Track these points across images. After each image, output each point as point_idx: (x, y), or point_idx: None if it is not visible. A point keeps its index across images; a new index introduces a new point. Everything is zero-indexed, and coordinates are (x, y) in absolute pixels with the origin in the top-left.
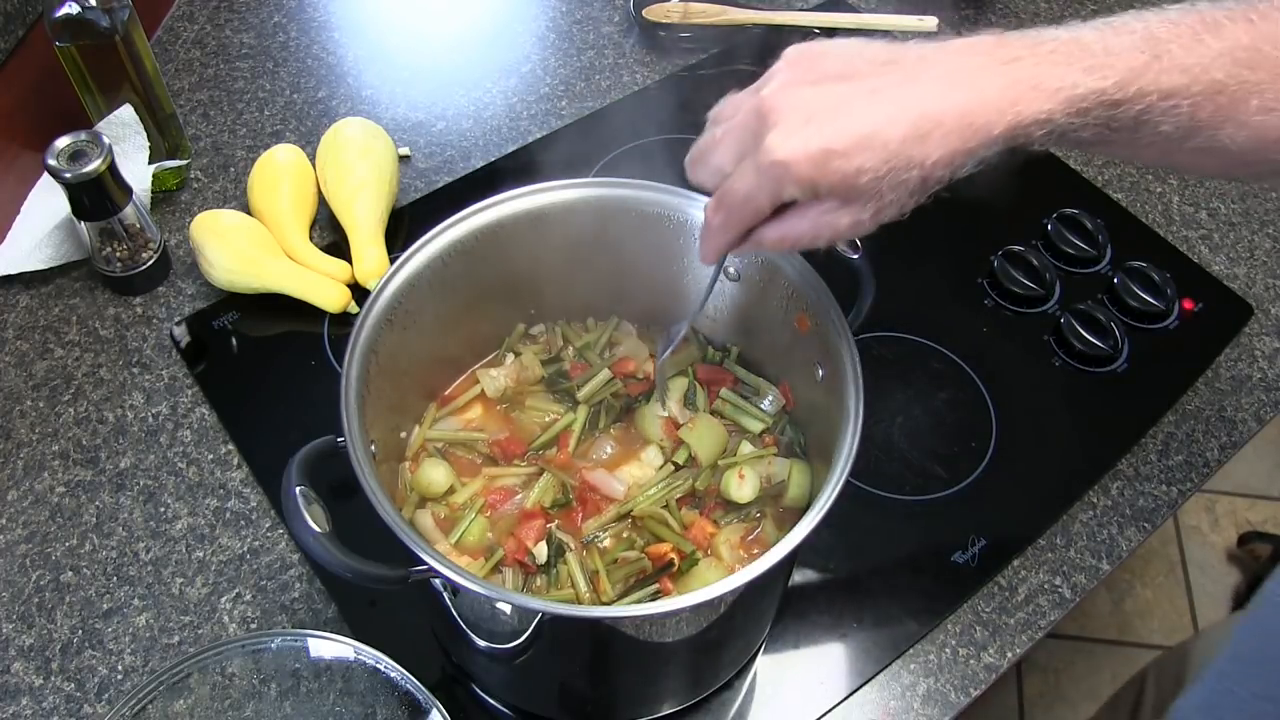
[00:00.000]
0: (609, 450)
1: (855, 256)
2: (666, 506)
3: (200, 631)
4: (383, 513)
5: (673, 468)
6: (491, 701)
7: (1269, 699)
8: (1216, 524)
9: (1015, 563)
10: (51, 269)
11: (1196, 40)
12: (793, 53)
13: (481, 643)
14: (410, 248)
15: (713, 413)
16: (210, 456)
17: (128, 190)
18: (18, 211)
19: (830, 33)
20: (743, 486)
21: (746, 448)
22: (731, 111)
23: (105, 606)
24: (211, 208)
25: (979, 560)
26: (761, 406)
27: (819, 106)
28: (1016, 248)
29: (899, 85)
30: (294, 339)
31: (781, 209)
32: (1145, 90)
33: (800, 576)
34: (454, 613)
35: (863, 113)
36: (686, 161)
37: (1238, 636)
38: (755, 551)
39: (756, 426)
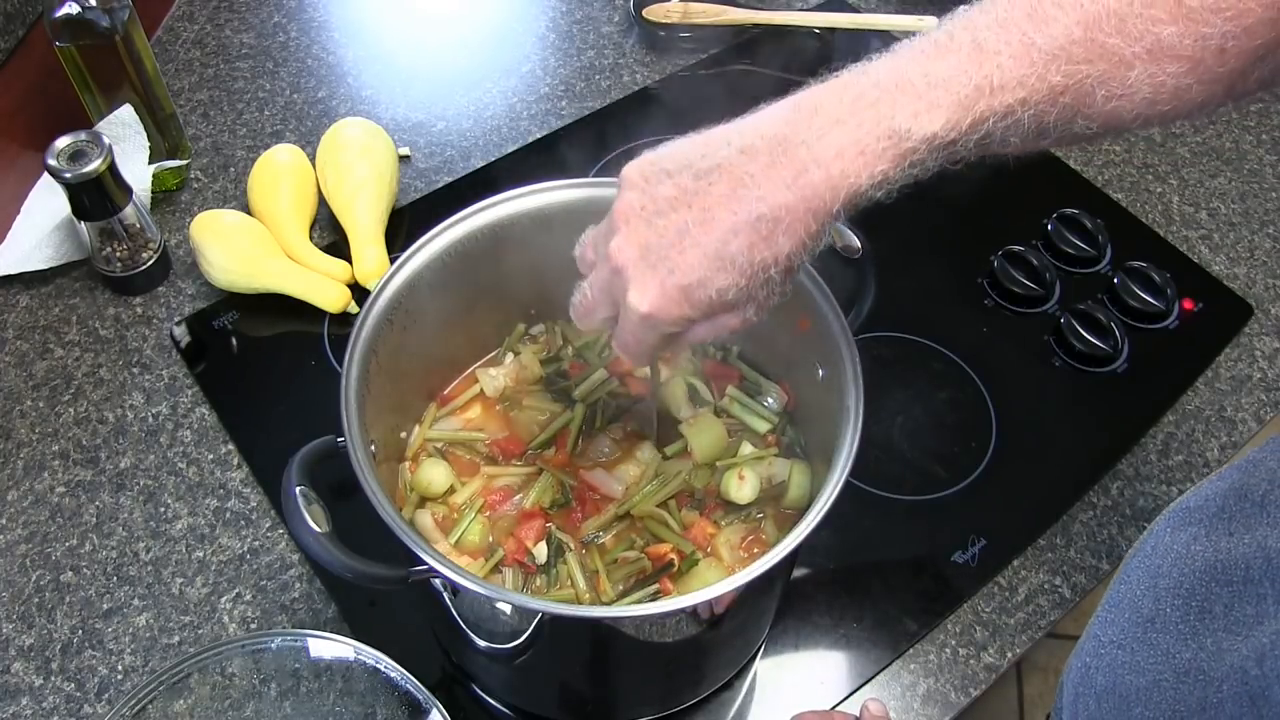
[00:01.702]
0: (607, 450)
1: (855, 256)
2: (666, 507)
3: (200, 631)
4: (383, 513)
5: (662, 457)
6: (491, 701)
7: (1120, 645)
8: None
9: (1015, 563)
10: (51, 269)
11: (1027, 45)
12: (626, 180)
13: (481, 643)
14: (410, 248)
15: (719, 410)
16: (210, 456)
17: (128, 190)
18: (18, 211)
19: (830, 32)
20: (743, 487)
21: (747, 448)
22: (592, 257)
23: (105, 606)
24: (211, 208)
25: (979, 560)
26: (765, 404)
27: (663, 249)
28: (1016, 248)
29: (729, 198)
30: (294, 339)
31: None
32: (980, 119)
33: (800, 576)
34: (454, 613)
35: (703, 241)
36: (571, 314)
37: (1111, 587)
38: (756, 552)
39: (763, 427)
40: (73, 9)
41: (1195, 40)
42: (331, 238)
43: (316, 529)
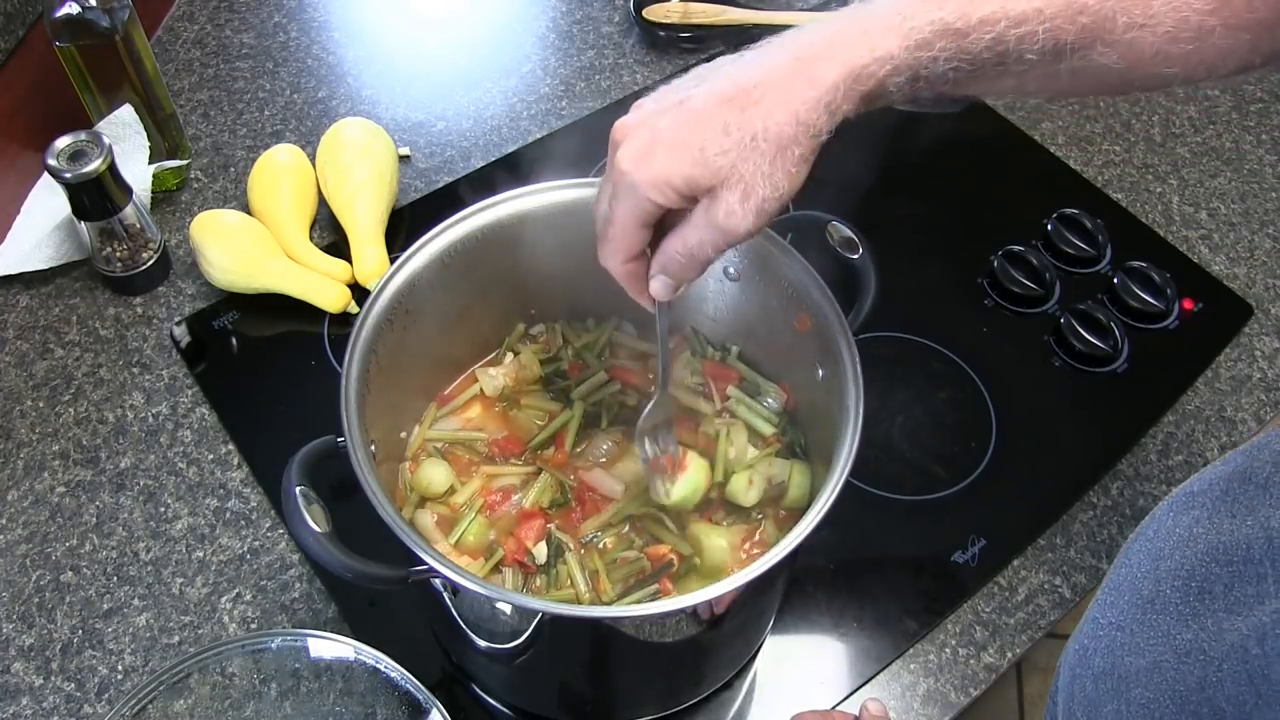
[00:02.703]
0: (606, 449)
1: (855, 256)
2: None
3: (200, 631)
4: (383, 513)
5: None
6: (491, 701)
7: (1119, 627)
8: None
9: (1015, 563)
10: (51, 269)
11: None
12: (660, 86)
13: (481, 643)
14: (410, 248)
15: (724, 411)
16: (210, 456)
17: (128, 190)
18: (18, 211)
19: None
20: (750, 491)
21: (749, 451)
22: None
23: (105, 606)
24: (211, 208)
25: (979, 560)
26: (765, 404)
27: (659, 117)
28: (1016, 248)
29: (730, 75)
30: (294, 339)
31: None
32: (991, 18)
33: (800, 576)
34: (454, 613)
35: (698, 106)
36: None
37: (1112, 570)
38: (756, 553)
39: (767, 429)
40: (73, 9)
41: None
42: (331, 238)
43: (316, 529)
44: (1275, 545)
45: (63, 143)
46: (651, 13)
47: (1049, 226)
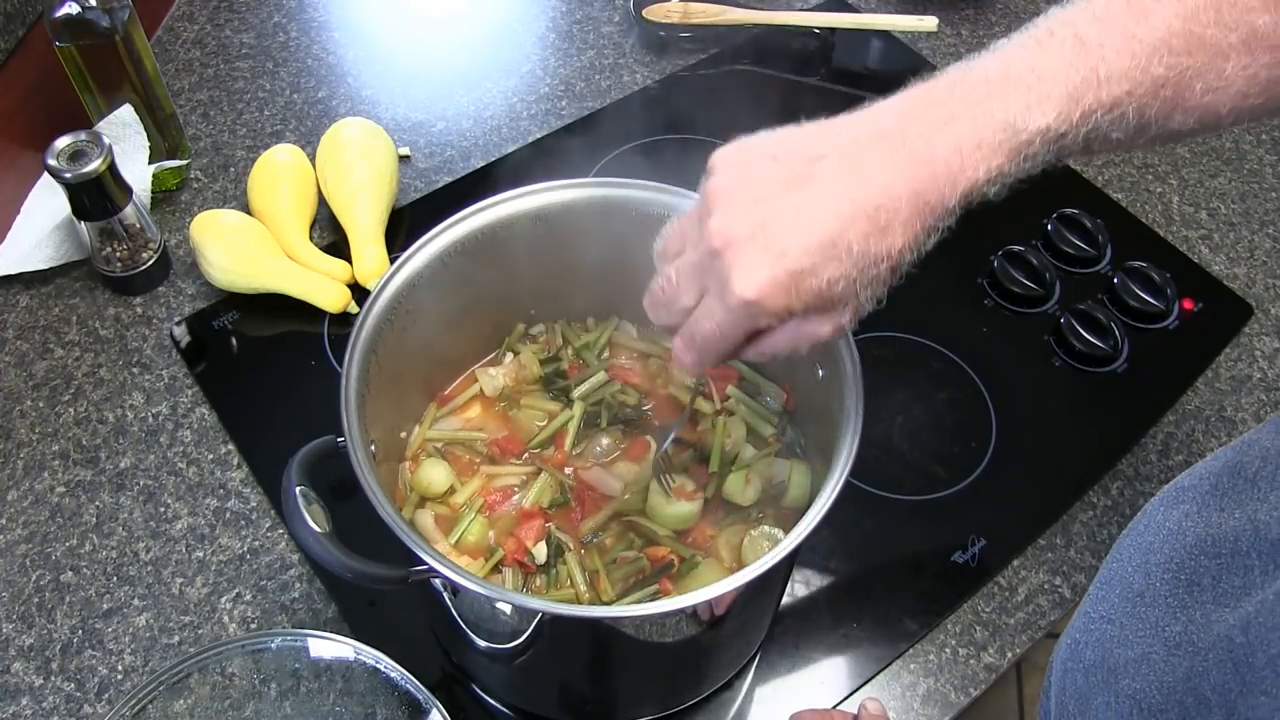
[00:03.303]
0: (606, 448)
1: None
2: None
3: (200, 631)
4: (383, 513)
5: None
6: (491, 701)
7: (1109, 620)
8: None
9: (1015, 563)
10: (51, 269)
11: (1128, 38)
12: (720, 163)
13: (481, 643)
14: (410, 248)
15: (723, 410)
16: (210, 456)
17: (128, 190)
18: (18, 211)
19: (830, 32)
20: (747, 490)
21: (748, 450)
22: (678, 245)
23: (105, 606)
24: (211, 208)
25: (979, 560)
26: (765, 404)
27: (771, 225)
28: (1016, 248)
29: (845, 183)
30: (294, 339)
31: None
32: (1089, 110)
33: (800, 576)
34: (454, 613)
35: (817, 220)
36: (646, 305)
37: (1104, 566)
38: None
39: (767, 430)
40: (73, 9)
41: None
42: (331, 238)
43: (316, 529)
44: (1262, 538)
45: (63, 143)
46: (651, 13)
47: (1049, 226)
